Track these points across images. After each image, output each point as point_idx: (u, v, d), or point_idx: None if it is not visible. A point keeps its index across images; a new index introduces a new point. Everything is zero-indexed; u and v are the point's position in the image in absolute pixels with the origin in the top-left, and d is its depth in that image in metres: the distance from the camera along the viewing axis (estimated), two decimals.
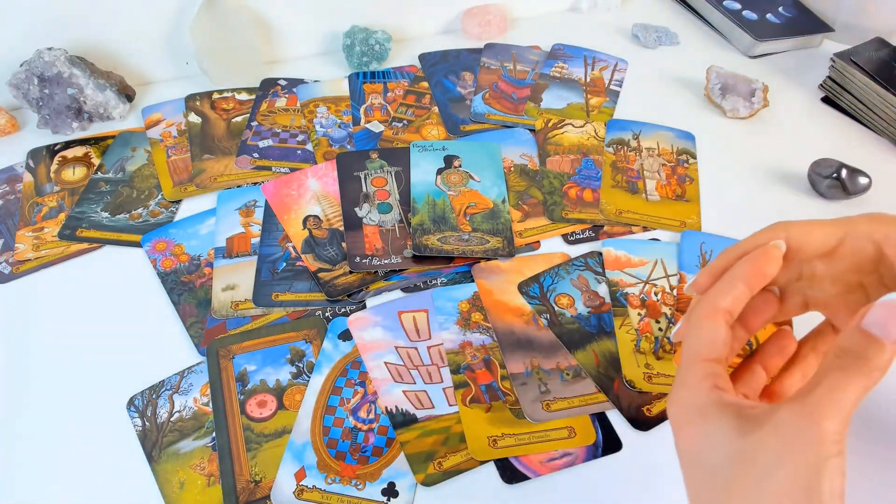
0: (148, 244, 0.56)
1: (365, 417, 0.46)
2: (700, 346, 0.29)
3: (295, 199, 0.60)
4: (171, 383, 0.47)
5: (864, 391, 0.26)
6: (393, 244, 0.56)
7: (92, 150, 0.65)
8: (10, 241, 0.56)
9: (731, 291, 0.30)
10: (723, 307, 0.30)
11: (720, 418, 0.27)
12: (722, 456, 0.26)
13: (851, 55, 0.73)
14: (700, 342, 0.29)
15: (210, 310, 0.52)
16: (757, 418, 0.27)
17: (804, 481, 0.25)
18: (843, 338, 0.27)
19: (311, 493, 0.42)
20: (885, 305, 0.26)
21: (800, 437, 0.25)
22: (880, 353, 0.26)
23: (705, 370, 0.29)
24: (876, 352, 0.26)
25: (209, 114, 0.69)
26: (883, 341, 0.26)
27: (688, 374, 0.29)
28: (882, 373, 0.26)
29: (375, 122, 0.69)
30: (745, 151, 0.69)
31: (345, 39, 0.75)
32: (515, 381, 0.48)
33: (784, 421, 0.26)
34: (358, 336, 0.50)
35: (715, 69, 0.75)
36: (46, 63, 0.63)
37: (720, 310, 0.30)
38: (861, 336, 0.26)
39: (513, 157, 0.65)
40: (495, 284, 0.54)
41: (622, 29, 0.86)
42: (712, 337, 0.29)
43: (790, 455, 0.25)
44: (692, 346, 0.30)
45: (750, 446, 0.26)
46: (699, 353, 0.29)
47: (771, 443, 0.25)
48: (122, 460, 0.43)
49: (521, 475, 0.43)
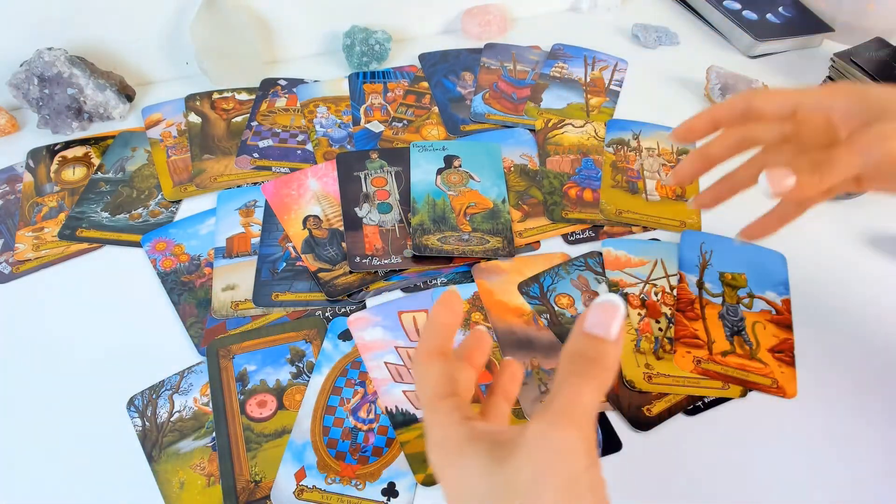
0: (148, 244, 0.56)
1: (365, 417, 0.46)
2: (433, 387, 0.29)
3: (295, 199, 0.60)
4: (171, 383, 0.47)
5: (599, 392, 0.26)
6: (393, 244, 0.56)
7: (92, 150, 0.65)
8: (10, 241, 0.56)
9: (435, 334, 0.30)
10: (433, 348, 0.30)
11: (476, 451, 0.26)
12: (485, 491, 0.25)
13: (851, 55, 0.73)
14: (429, 385, 0.29)
15: (210, 310, 0.52)
16: (508, 443, 0.26)
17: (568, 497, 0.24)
18: (571, 343, 0.27)
19: (311, 493, 0.42)
20: (600, 307, 0.27)
21: (549, 454, 0.25)
22: (607, 352, 0.27)
23: (448, 406, 0.28)
24: (603, 351, 0.27)
25: (209, 114, 0.69)
26: (607, 340, 0.27)
27: (433, 414, 0.28)
28: (613, 371, 0.27)
29: (375, 122, 0.69)
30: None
31: (345, 39, 0.75)
32: None
33: (532, 439, 0.25)
34: (358, 336, 0.50)
35: (715, 69, 0.75)
36: (46, 63, 0.63)
37: (433, 351, 0.29)
38: (587, 339, 0.27)
39: (513, 157, 0.65)
40: (495, 284, 0.54)
41: (622, 29, 0.86)
42: (437, 376, 0.29)
43: (544, 477, 0.24)
44: (425, 391, 0.29)
45: (507, 477, 0.25)
46: (435, 393, 0.29)
47: (524, 468, 0.25)
48: (122, 460, 0.43)
49: None
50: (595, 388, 0.26)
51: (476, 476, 0.26)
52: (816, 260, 0.58)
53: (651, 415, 0.46)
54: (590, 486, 0.25)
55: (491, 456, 0.26)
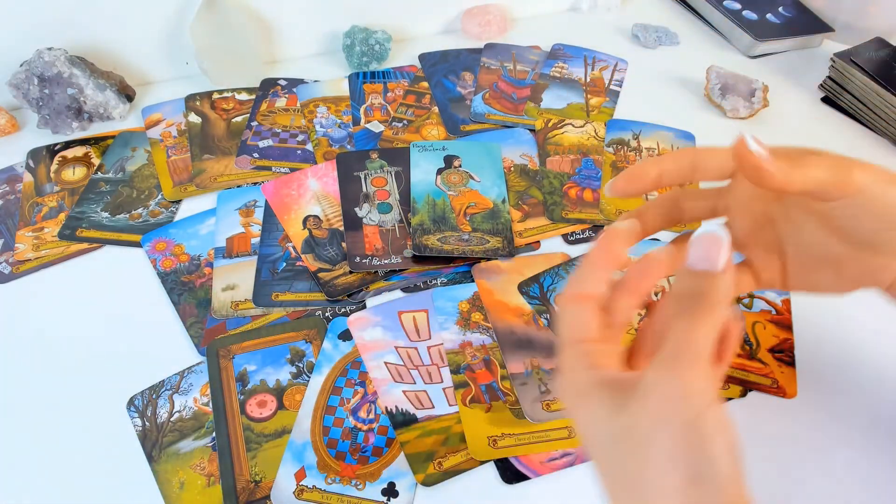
0: (148, 244, 0.56)
1: (365, 417, 0.46)
2: (568, 330, 0.29)
3: (295, 199, 0.60)
4: (171, 383, 0.47)
5: (713, 329, 0.25)
6: (393, 244, 0.56)
7: (92, 150, 0.65)
8: (10, 241, 0.56)
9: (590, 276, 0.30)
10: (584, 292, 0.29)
11: (599, 398, 0.26)
12: (607, 437, 0.26)
13: (851, 55, 0.73)
14: (567, 327, 0.29)
15: (210, 310, 0.52)
16: (629, 389, 0.26)
17: (683, 443, 0.24)
18: (675, 286, 0.27)
19: (311, 493, 0.42)
20: (700, 240, 0.26)
21: (666, 398, 0.24)
22: (715, 285, 0.26)
23: (578, 351, 0.28)
24: (711, 285, 0.26)
25: (209, 114, 0.69)
26: (713, 272, 0.26)
27: (563, 359, 0.29)
28: (725, 304, 0.26)
29: (375, 122, 0.69)
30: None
31: (345, 39, 0.75)
32: (515, 381, 0.48)
33: (648, 386, 0.25)
34: (358, 336, 0.50)
35: (715, 69, 0.75)
36: (46, 63, 0.63)
37: (581, 294, 0.29)
38: (691, 277, 0.26)
39: (513, 157, 0.65)
40: (495, 284, 0.54)
41: (622, 29, 0.86)
42: (576, 320, 0.29)
43: (662, 421, 0.24)
44: (561, 332, 0.29)
45: (626, 423, 0.25)
46: (569, 337, 0.29)
47: (642, 414, 0.25)
48: (122, 460, 0.43)
49: (521, 475, 0.43)
50: (708, 326, 0.25)
51: (600, 420, 0.26)
52: None
53: None
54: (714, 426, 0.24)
55: (613, 402, 0.26)
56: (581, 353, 0.28)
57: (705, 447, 0.24)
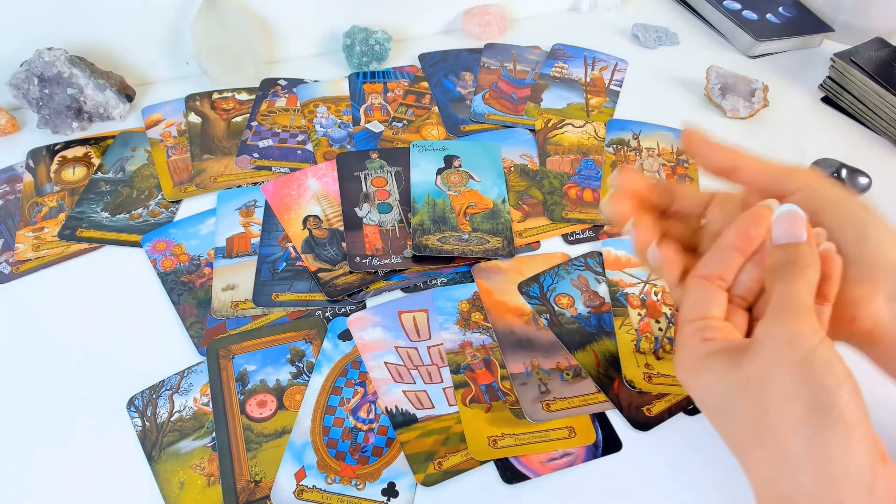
0: (148, 244, 0.56)
1: (365, 417, 0.46)
2: (689, 308, 0.32)
3: (295, 199, 0.60)
4: (171, 383, 0.47)
5: (810, 286, 0.28)
6: (393, 244, 0.56)
7: (92, 150, 0.65)
8: (10, 241, 0.56)
9: (721, 259, 0.32)
10: (705, 273, 0.32)
11: (713, 364, 0.29)
12: (724, 394, 0.28)
13: (851, 55, 0.73)
14: (689, 306, 0.32)
15: (210, 310, 0.52)
16: (742, 348, 0.28)
17: (799, 378, 0.26)
18: (769, 262, 0.30)
19: (311, 493, 0.42)
20: (781, 219, 0.30)
21: (777, 344, 0.27)
22: (802, 253, 0.29)
23: (694, 328, 0.31)
24: (799, 254, 0.29)
25: (209, 114, 0.69)
26: (799, 244, 0.29)
27: (682, 335, 0.31)
28: (815, 266, 0.29)
29: (375, 122, 0.69)
30: None
31: (345, 39, 0.75)
32: (515, 381, 0.48)
33: (759, 340, 0.28)
34: (358, 336, 0.50)
35: (715, 69, 0.75)
36: (46, 63, 0.63)
37: (710, 275, 0.32)
38: (779, 251, 0.29)
39: (513, 157, 0.65)
40: (495, 284, 0.54)
41: (622, 29, 0.86)
42: (699, 300, 0.31)
43: (776, 364, 0.27)
44: (683, 310, 0.32)
45: (742, 375, 0.28)
46: (689, 314, 0.31)
47: (757, 362, 0.27)
48: (122, 460, 0.43)
49: (521, 475, 0.43)
50: (804, 283, 0.28)
51: (715, 382, 0.29)
52: None
53: (651, 415, 0.46)
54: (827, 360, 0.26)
55: (727, 363, 0.28)
56: (697, 328, 0.30)
57: (820, 378, 0.26)
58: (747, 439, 0.28)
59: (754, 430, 0.28)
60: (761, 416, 0.27)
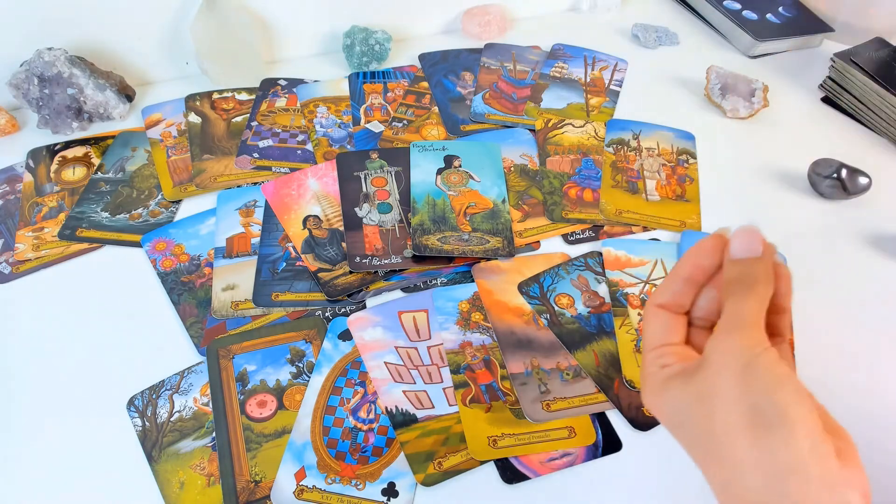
0: (148, 244, 0.56)
1: (365, 417, 0.46)
2: (648, 338, 0.33)
3: (295, 199, 0.60)
4: (171, 383, 0.47)
5: (761, 301, 0.29)
6: (393, 244, 0.56)
7: (92, 150, 0.65)
8: (10, 241, 0.56)
9: (670, 287, 0.33)
10: (661, 302, 0.33)
11: (672, 385, 0.30)
12: (681, 410, 0.30)
13: (851, 55, 0.73)
14: (648, 335, 0.33)
15: (210, 310, 0.52)
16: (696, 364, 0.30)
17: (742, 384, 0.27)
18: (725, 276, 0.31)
19: (311, 493, 0.42)
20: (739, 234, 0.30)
21: (722, 354, 0.28)
22: (757, 267, 0.29)
23: (654, 356, 0.32)
24: (753, 268, 0.30)
25: (209, 114, 0.69)
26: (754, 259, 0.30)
27: (644, 364, 0.33)
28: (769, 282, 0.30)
29: (375, 122, 0.69)
30: (745, 151, 0.69)
31: (345, 39, 0.75)
32: (515, 381, 0.48)
33: (707, 354, 0.29)
34: (358, 336, 0.50)
35: (715, 69, 0.75)
36: (46, 63, 0.63)
37: (666, 304, 0.33)
38: (736, 265, 0.30)
39: (513, 157, 0.65)
40: (495, 284, 0.54)
41: (622, 29, 0.86)
42: (656, 329, 0.32)
43: (721, 374, 0.28)
44: (644, 339, 0.33)
45: (693, 389, 0.29)
46: (649, 343, 0.33)
47: (704, 376, 0.29)
48: (122, 460, 0.43)
49: (521, 475, 0.43)
50: (755, 298, 0.29)
51: (676, 398, 0.30)
52: (816, 260, 0.58)
53: (651, 415, 0.46)
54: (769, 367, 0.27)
55: (684, 380, 0.30)
56: (656, 356, 0.32)
57: (761, 383, 0.27)
58: (702, 449, 0.30)
59: (707, 440, 0.29)
60: (711, 425, 0.28)
